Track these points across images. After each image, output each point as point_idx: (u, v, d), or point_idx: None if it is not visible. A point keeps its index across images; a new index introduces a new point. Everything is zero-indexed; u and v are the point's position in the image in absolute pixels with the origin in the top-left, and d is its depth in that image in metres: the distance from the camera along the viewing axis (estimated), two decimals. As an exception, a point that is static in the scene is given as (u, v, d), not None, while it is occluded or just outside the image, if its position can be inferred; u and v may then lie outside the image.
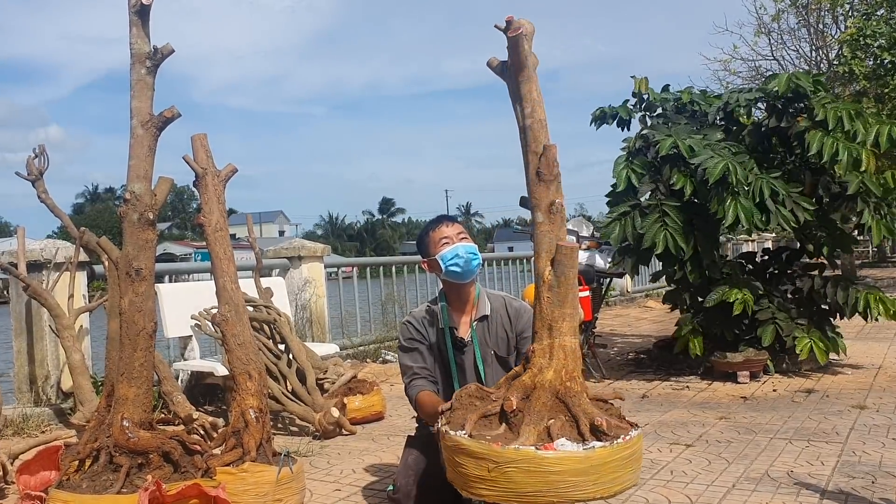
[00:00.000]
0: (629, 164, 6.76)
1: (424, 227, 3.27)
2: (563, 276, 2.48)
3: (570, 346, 2.47)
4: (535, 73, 2.65)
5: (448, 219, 3.28)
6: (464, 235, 3.20)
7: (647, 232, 6.34)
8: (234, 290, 3.69)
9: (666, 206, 6.45)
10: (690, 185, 6.36)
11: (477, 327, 3.19)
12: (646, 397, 6.19)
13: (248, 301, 5.76)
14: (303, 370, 5.33)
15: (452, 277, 3.15)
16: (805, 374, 6.87)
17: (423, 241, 3.25)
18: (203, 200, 3.79)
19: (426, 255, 3.22)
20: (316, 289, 7.44)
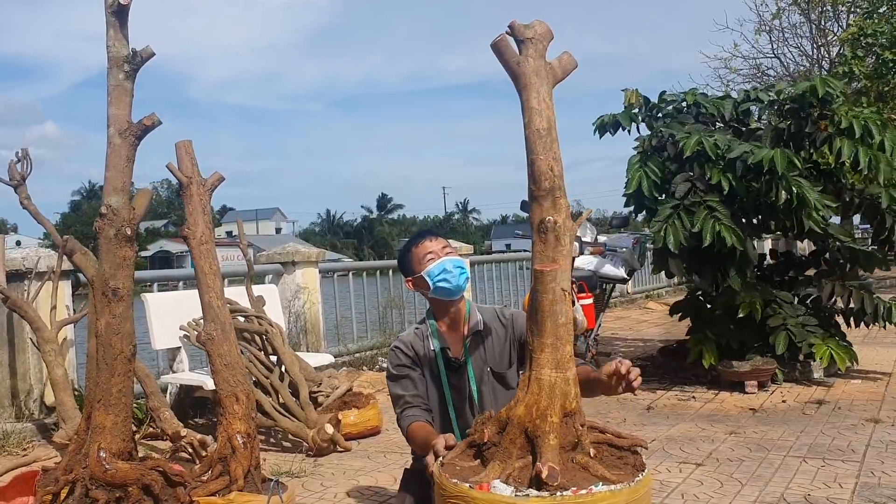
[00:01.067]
0: (643, 166, 6.56)
1: (405, 244, 3.10)
2: (538, 302, 2.26)
3: (547, 381, 2.24)
4: (537, 78, 2.42)
5: (431, 234, 3.14)
6: (449, 249, 3.05)
7: (704, 227, 6.09)
8: (220, 306, 3.48)
9: (710, 202, 6.22)
10: (727, 180, 6.15)
11: (470, 344, 3.03)
12: (651, 409, 5.99)
13: (239, 311, 5.56)
14: (296, 384, 5.12)
15: (441, 294, 2.98)
16: (814, 382, 6.68)
17: (406, 259, 3.07)
18: (188, 211, 3.57)
19: (410, 272, 3.07)
20: (310, 295, 7.22)
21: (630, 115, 7.17)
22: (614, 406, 6.11)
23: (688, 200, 6.33)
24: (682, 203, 6.33)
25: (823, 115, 6.65)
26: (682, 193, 6.38)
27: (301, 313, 7.17)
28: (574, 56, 2.56)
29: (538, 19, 2.47)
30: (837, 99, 6.61)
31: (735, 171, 6.17)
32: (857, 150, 6.25)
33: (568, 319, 2.28)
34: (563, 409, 2.22)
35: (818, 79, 6.52)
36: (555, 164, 2.39)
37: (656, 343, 9.50)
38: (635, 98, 7.23)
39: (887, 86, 13.97)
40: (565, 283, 2.31)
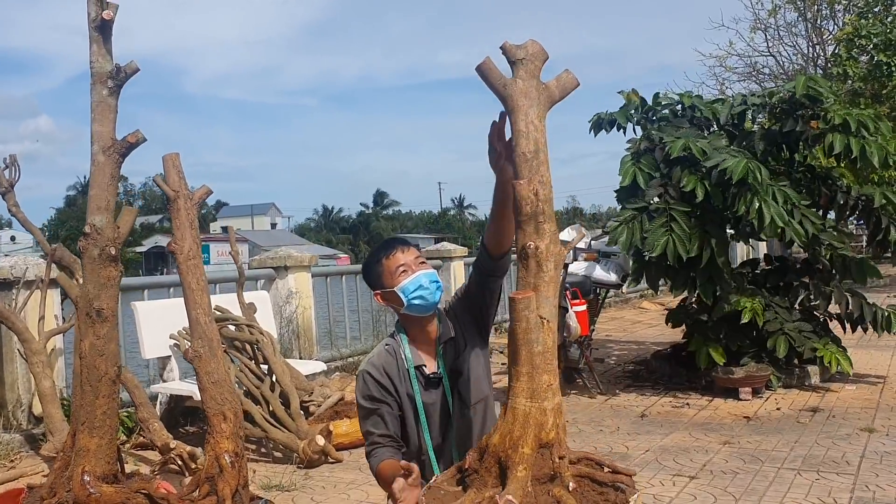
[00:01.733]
0: (636, 162, 6.51)
1: (372, 253, 2.82)
2: (512, 330, 2.21)
3: (522, 410, 2.18)
4: (526, 100, 2.35)
5: (402, 243, 2.83)
6: (422, 261, 2.79)
7: (651, 236, 6.05)
8: (208, 323, 3.42)
9: (674, 211, 6.16)
10: (702, 188, 6.10)
11: (444, 353, 2.79)
12: (645, 416, 5.95)
13: (230, 319, 5.51)
14: (286, 394, 5.07)
15: (416, 311, 2.72)
16: (810, 388, 6.65)
17: (374, 271, 2.77)
18: (175, 226, 3.52)
19: (379, 286, 2.75)
20: (302, 300, 7.17)
21: (627, 114, 7.13)
22: (608, 414, 6.08)
23: (653, 206, 6.28)
24: (647, 207, 6.29)
25: (815, 115, 6.61)
26: (651, 198, 6.34)
27: (293, 318, 7.12)
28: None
29: (532, 39, 2.42)
30: (828, 98, 6.57)
31: (711, 178, 6.12)
32: (848, 140, 6.20)
33: (546, 348, 2.22)
34: (537, 439, 2.16)
35: (800, 78, 6.48)
36: (540, 187, 2.31)
37: (650, 346, 9.47)
38: (635, 98, 7.18)
39: (884, 88, 13.93)
40: (545, 309, 2.25)
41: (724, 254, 6.36)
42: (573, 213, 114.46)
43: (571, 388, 6.87)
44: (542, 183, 2.34)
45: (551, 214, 2.35)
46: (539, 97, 2.42)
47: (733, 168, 5.91)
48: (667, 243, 5.96)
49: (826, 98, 6.42)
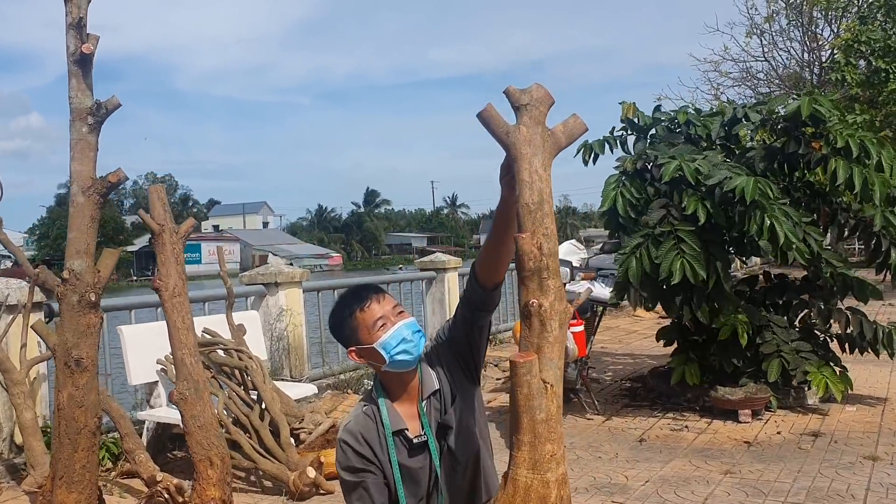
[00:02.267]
0: (621, 185, 6.39)
1: (342, 305, 2.50)
2: (513, 395, 2.08)
3: (523, 482, 2.04)
4: (529, 148, 2.20)
5: (375, 291, 2.51)
6: (401, 309, 2.53)
7: (664, 262, 5.92)
8: (194, 364, 3.29)
9: (681, 232, 6.04)
10: (704, 208, 5.98)
11: (428, 408, 2.52)
12: (643, 441, 5.83)
13: (219, 344, 5.37)
14: (276, 422, 4.93)
15: (400, 367, 2.46)
16: (809, 409, 6.55)
17: (347, 326, 2.47)
18: (160, 261, 3.38)
19: (353, 342, 2.46)
20: (293, 318, 7.03)
21: (606, 139, 7.03)
22: (605, 438, 5.96)
23: (658, 230, 6.15)
24: (652, 232, 6.16)
25: (818, 135, 6.51)
26: (655, 221, 6.22)
27: (284, 336, 6.97)
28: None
29: (537, 83, 2.28)
30: (831, 118, 6.47)
31: (714, 198, 6.00)
32: (851, 170, 6.11)
33: (549, 415, 2.07)
34: (539, 513, 2.03)
35: (804, 99, 6.37)
36: (545, 241, 2.18)
37: (646, 359, 9.37)
38: (633, 112, 7.07)
39: (880, 94, 13.86)
40: (548, 373, 2.11)
41: (728, 277, 6.25)
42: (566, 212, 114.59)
43: (568, 407, 6.74)
44: (546, 236, 2.20)
45: (556, 269, 2.21)
46: (544, 144, 2.28)
47: (743, 187, 5.78)
48: (682, 266, 5.83)
49: (829, 119, 6.31)
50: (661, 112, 7.18)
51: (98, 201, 2.70)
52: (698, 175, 6.01)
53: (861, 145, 6.24)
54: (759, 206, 5.77)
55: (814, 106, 6.22)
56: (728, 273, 6.12)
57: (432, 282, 9.62)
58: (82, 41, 2.63)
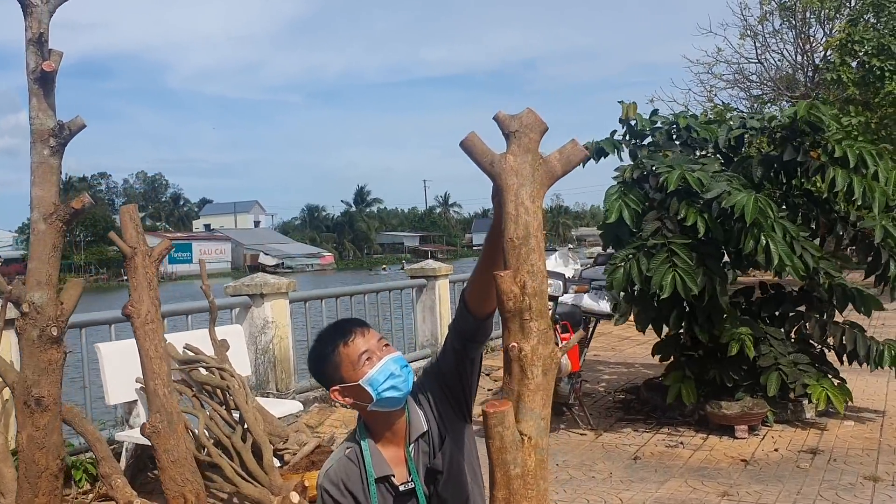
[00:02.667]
0: (623, 195, 6.22)
1: (323, 340, 2.32)
2: (487, 447, 1.90)
3: None
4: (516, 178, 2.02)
5: (359, 325, 2.31)
6: (386, 342, 2.33)
7: (655, 274, 5.77)
8: (168, 395, 3.12)
9: (674, 245, 5.89)
10: (703, 221, 5.83)
11: (416, 452, 2.33)
12: (638, 459, 5.68)
13: (200, 361, 5.20)
14: (259, 445, 4.76)
15: (388, 406, 2.28)
16: (806, 423, 6.41)
17: (329, 363, 2.28)
18: (132, 285, 3.21)
19: (336, 379, 2.27)
20: (279, 330, 6.85)
21: (613, 141, 6.85)
22: (599, 455, 5.81)
23: (651, 241, 6.00)
24: (644, 244, 6.01)
25: (816, 144, 6.38)
26: (649, 233, 6.06)
27: (269, 348, 6.80)
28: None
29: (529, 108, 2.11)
30: (830, 126, 6.34)
31: (711, 211, 5.86)
32: (851, 179, 5.98)
33: (525, 470, 1.90)
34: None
35: (802, 104, 6.23)
36: (529, 279, 1.98)
37: (640, 368, 9.23)
38: (633, 112, 6.91)
39: (876, 96, 13.75)
40: (527, 424, 1.93)
41: (725, 292, 6.10)
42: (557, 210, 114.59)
43: (560, 422, 6.60)
44: (531, 273, 2.01)
45: (541, 309, 2.02)
46: (534, 174, 2.10)
47: (743, 204, 5.64)
48: (674, 280, 5.69)
49: (828, 126, 6.17)
50: (658, 116, 7.02)
51: (61, 229, 2.53)
52: (701, 185, 5.88)
53: (859, 156, 6.12)
54: (756, 224, 5.63)
55: (812, 112, 6.08)
56: (725, 288, 5.98)
57: (423, 289, 9.45)
58: (43, 58, 2.46)
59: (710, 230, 5.81)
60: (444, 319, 9.47)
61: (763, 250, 5.61)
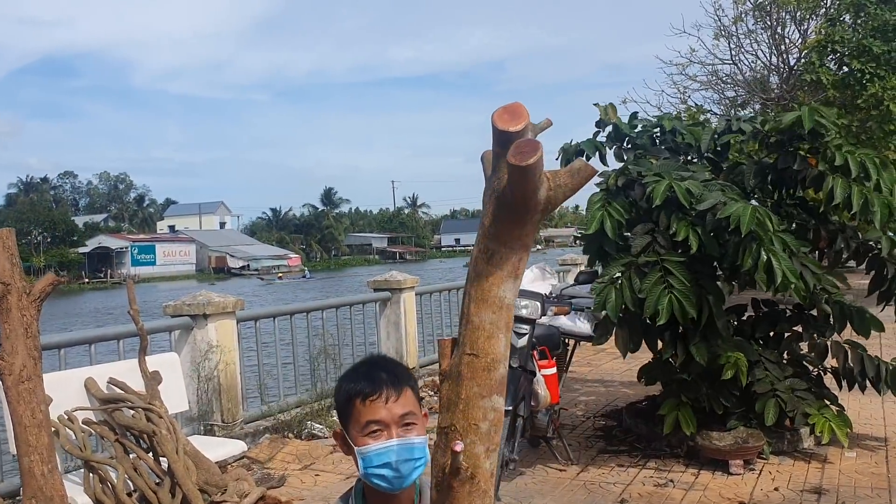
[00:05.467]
0: (606, 204, 5.62)
1: (351, 376, 2.01)
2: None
3: None
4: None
5: (395, 382, 1.96)
6: (410, 420, 1.94)
7: (649, 296, 5.17)
8: (47, 473, 2.44)
9: (668, 263, 5.30)
10: (695, 236, 5.24)
11: None
12: (625, 502, 5.08)
13: (125, 402, 4.50)
14: (189, 501, 4.08)
15: (375, 487, 1.97)
16: (804, 454, 5.86)
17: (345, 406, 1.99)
18: (3, 332, 2.52)
19: (343, 421, 2.02)
20: (225, 355, 6.14)
21: (595, 143, 6.26)
22: (582, 498, 5.19)
23: (642, 258, 5.41)
24: (635, 261, 5.42)
25: (815, 150, 5.84)
26: (639, 248, 5.47)
27: (214, 376, 6.10)
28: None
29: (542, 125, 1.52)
30: (829, 132, 5.80)
31: (705, 224, 5.28)
32: (850, 190, 5.44)
33: None
34: None
35: (806, 109, 5.68)
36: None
37: (619, 387, 8.68)
38: (613, 114, 6.32)
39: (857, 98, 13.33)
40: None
41: (722, 314, 5.53)
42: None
43: (538, 457, 5.98)
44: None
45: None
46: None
47: (738, 216, 5.06)
48: (671, 304, 5.09)
49: (829, 133, 5.63)
50: (639, 120, 6.44)
51: None
52: (690, 197, 5.29)
53: (861, 164, 5.58)
54: (755, 238, 5.06)
55: (815, 118, 5.53)
56: (721, 309, 5.41)
57: (387, 303, 8.79)
58: None
59: (704, 245, 5.23)
60: (409, 336, 8.82)
61: (764, 268, 5.03)
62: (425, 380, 8.81)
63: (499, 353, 1.43)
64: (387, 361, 2.06)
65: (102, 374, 4.74)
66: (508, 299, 1.43)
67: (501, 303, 1.44)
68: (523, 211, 1.39)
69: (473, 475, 1.46)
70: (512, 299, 1.44)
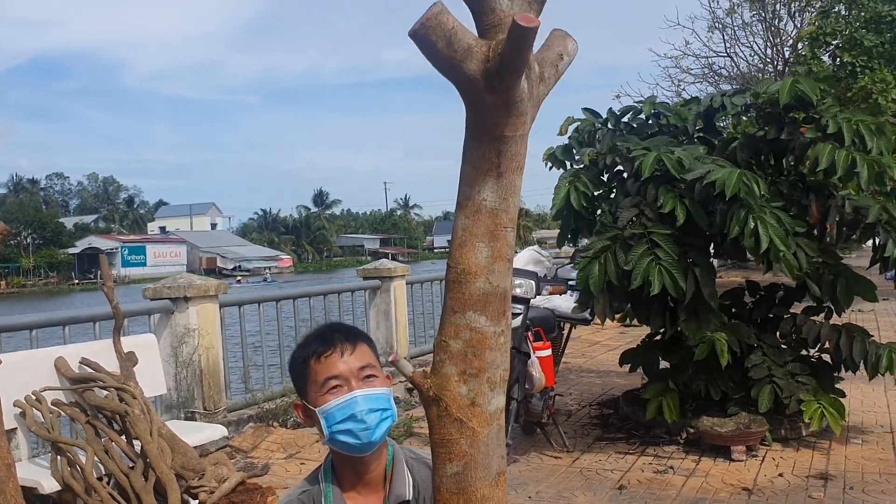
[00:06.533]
0: (574, 179, 5.48)
1: (301, 346, 1.91)
2: None
3: None
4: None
5: (349, 337, 1.87)
6: (370, 373, 1.84)
7: (636, 268, 4.97)
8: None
9: (655, 236, 5.10)
10: (682, 207, 5.05)
11: None
12: (623, 488, 4.86)
13: (96, 381, 4.26)
14: (163, 483, 3.84)
15: (341, 449, 1.84)
16: (806, 443, 5.66)
17: (300, 373, 1.88)
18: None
19: (301, 392, 1.89)
20: (206, 339, 5.89)
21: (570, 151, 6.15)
22: (578, 483, 4.97)
23: (628, 231, 5.21)
24: (621, 235, 5.22)
25: (810, 120, 5.64)
26: (625, 221, 5.27)
27: (194, 361, 5.85)
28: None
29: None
30: (824, 101, 5.61)
31: (693, 195, 5.09)
32: (834, 156, 5.21)
33: None
34: None
35: (787, 81, 5.48)
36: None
37: (614, 377, 8.46)
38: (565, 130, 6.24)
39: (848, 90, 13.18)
40: None
41: (710, 284, 5.31)
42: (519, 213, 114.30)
43: (532, 444, 5.76)
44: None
45: None
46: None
47: (724, 181, 4.88)
48: (661, 276, 4.89)
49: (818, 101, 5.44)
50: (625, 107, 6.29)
51: None
52: (681, 168, 5.09)
53: (856, 131, 5.35)
54: (743, 205, 4.86)
55: (796, 86, 5.34)
56: (710, 281, 5.20)
57: (377, 291, 8.55)
58: None
59: (692, 216, 5.04)
60: (400, 325, 8.58)
61: (751, 234, 4.83)
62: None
63: (472, 263, 1.22)
64: (339, 324, 2.01)
65: (74, 353, 4.50)
66: (488, 202, 1.22)
67: (478, 206, 1.22)
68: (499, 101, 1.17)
69: (438, 398, 1.26)
70: (494, 203, 1.23)
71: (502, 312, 1.26)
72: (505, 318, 1.26)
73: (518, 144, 1.24)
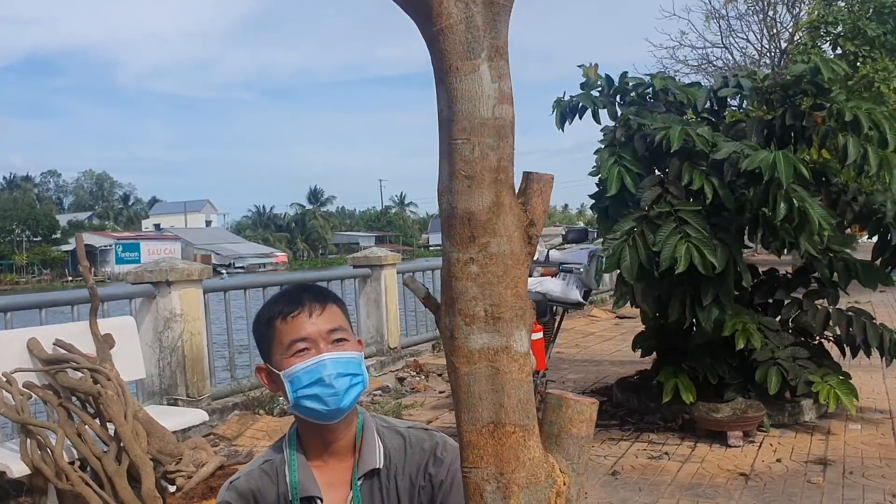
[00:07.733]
0: (619, 158, 5.28)
1: (266, 306, 1.76)
2: None
3: None
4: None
5: (317, 298, 1.72)
6: (340, 336, 1.68)
7: (664, 248, 4.83)
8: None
9: (683, 213, 4.96)
10: (709, 186, 4.92)
11: (363, 490, 1.71)
12: (616, 474, 4.72)
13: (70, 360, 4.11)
14: (137, 466, 3.69)
15: (307, 416, 1.68)
16: (806, 426, 5.53)
17: (264, 335, 1.72)
18: None
19: (266, 357, 1.73)
20: (189, 324, 5.74)
21: (590, 97, 5.92)
22: (570, 470, 4.83)
23: (654, 211, 5.07)
24: (647, 215, 5.08)
25: (818, 106, 5.51)
26: (650, 202, 5.13)
27: (177, 347, 5.69)
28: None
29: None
30: (835, 89, 5.49)
31: (722, 175, 4.96)
32: (865, 149, 5.11)
33: None
34: None
35: (820, 58, 5.35)
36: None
37: (609, 366, 8.32)
38: (594, 74, 6.00)
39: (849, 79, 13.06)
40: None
41: (746, 269, 5.21)
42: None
43: (523, 430, 5.61)
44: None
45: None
46: None
47: (770, 163, 4.73)
48: (689, 253, 4.75)
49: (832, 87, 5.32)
50: (630, 77, 6.09)
51: None
52: (708, 145, 4.98)
53: (873, 121, 5.24)
54: (779, 185, 4.73)
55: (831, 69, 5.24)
56: (745, 264, 5.09)
57: (367, 280, 8.41)
58: None
59: (719, 196, 4.91)
60: (390, 314, 8.44)
61: (798, 214, 4.71)
62: (407, 360, 8.44)
63: (442, 189, 1.09)
64: (309, 284, 1.89)
65: (48, 335, 4.34)
66: (444, 113, 1.08)
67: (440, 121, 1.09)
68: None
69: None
70: (446, 114, 1.09)
71: (468, 238, 1.11)
72: (474, 244, 1.12)
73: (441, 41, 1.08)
